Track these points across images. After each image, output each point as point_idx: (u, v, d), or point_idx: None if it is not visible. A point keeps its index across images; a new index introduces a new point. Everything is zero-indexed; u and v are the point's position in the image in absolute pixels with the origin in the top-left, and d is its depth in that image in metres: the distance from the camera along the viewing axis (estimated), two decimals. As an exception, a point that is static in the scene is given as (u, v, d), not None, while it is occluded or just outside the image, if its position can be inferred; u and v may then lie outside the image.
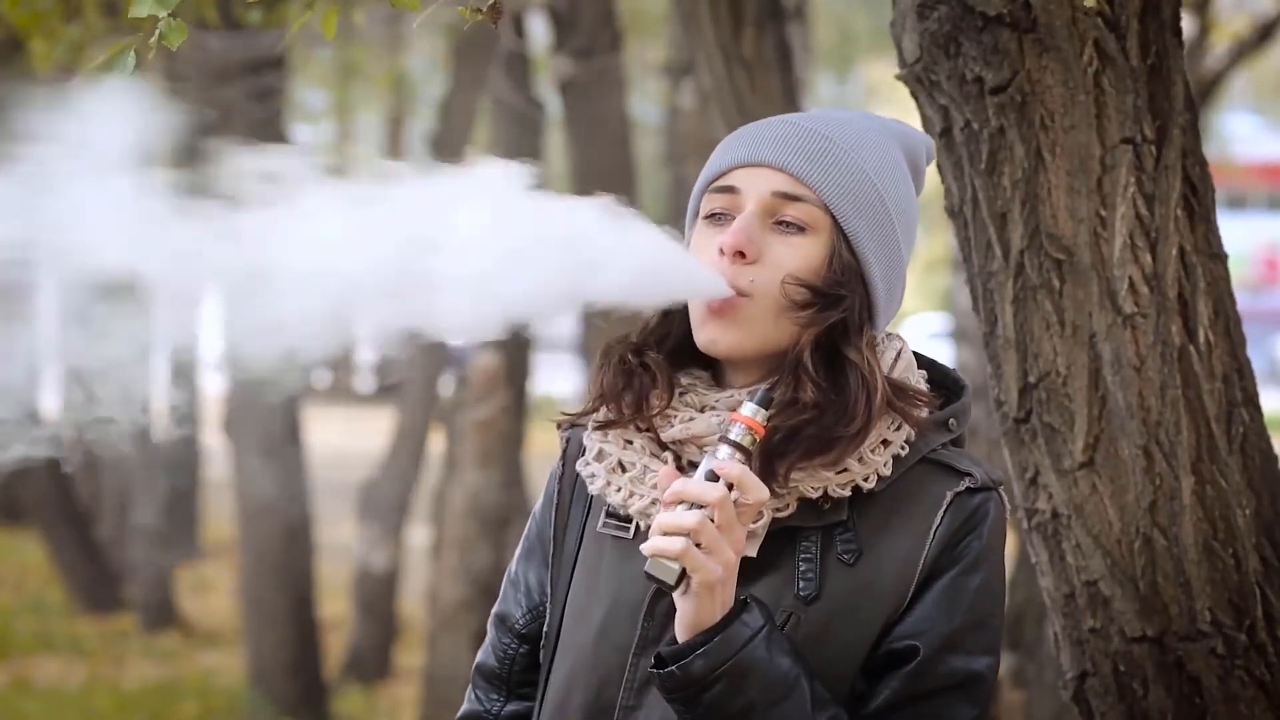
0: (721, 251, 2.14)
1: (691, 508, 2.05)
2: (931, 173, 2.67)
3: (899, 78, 2.65)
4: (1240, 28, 10.62)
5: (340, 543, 12.19)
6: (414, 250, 2.00)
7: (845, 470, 2.14)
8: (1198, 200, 2.55)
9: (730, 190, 2.18)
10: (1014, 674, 5.25)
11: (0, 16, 5.74)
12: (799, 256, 2.15)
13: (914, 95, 2.62)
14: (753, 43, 4.59)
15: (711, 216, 2.19)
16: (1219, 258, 2.57)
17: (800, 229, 2.15)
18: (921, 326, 29.19)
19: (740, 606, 2.08)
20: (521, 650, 2.31)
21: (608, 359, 2.23)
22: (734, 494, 2.06)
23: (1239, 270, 32.34)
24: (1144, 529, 2.53)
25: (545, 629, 2.28)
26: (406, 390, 9.84)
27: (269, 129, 8.80)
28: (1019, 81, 2.50)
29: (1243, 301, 2.62)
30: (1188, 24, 8.65)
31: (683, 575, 2.05)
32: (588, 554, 2.26)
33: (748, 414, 2.08)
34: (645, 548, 2.06)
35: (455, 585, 7.19)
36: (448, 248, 2.00)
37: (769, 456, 2.11)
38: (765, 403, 2.08)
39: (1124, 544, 2.54)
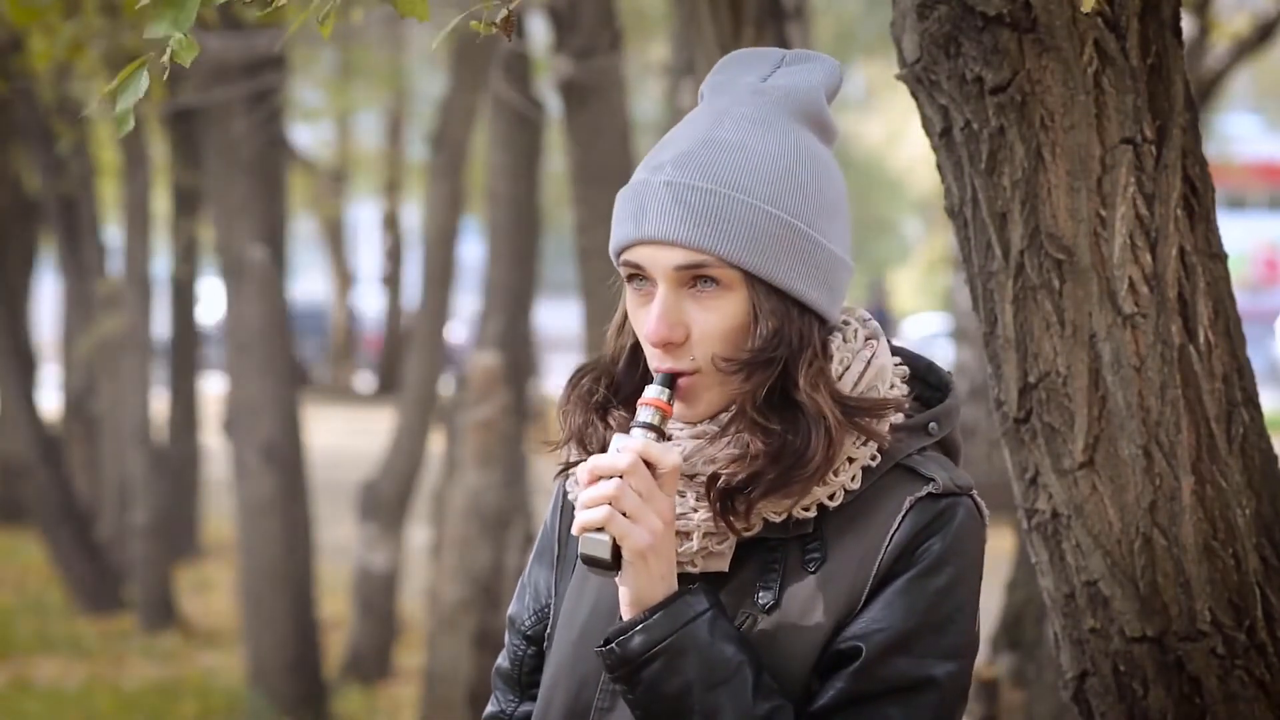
0: (649, 342, 2.15)
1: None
2: (931, 171, 2.66)
3: (899, 78, 2.65)
4: (1240, 28, 10.62)
5: (340, 543, 12.19)
6: None
7: (809, 494, 2.14)
8: (1198, 200, 2.54)
9: (637, 267, 2.16)
10: (1014, 674, 5.25)
11: (0, 15, 5.74)
12: (723, 318, 2.13)
13: (914, 95, 2.62)
14: (753, 42, 4.59)
15: (632, 278, 2.18)
16: (1219, 258, 2.56)
17: (716, 283, 2.13)
18: (921, 326, 29.19)
19: (685, 590, 2.10)
20: (529, 651, 2.33)
21: (574, 403, 2.24)
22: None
23: (1239, 270, 32.34)
24: (1144, 529, 2.52)
25: (549, 630, 2.30)
26: (406, 390, 9.83)
27: (268, 129, 8.80)
28: (1019, 81, 2.49)
29: (1243, 301, 2.62)
30: (1188, 24, 8.65)
31: (616, 553, 2.08)
32: None
33: (653, 395, 2.13)
34: (574, 528, 2.10)
35: (455, 585, 7.18)
36: None
37: (728, 494, 2.12)
38: (667, 382, 2.13)
39: (1124, 544, 2.54)
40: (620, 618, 2.16)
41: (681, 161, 2.16)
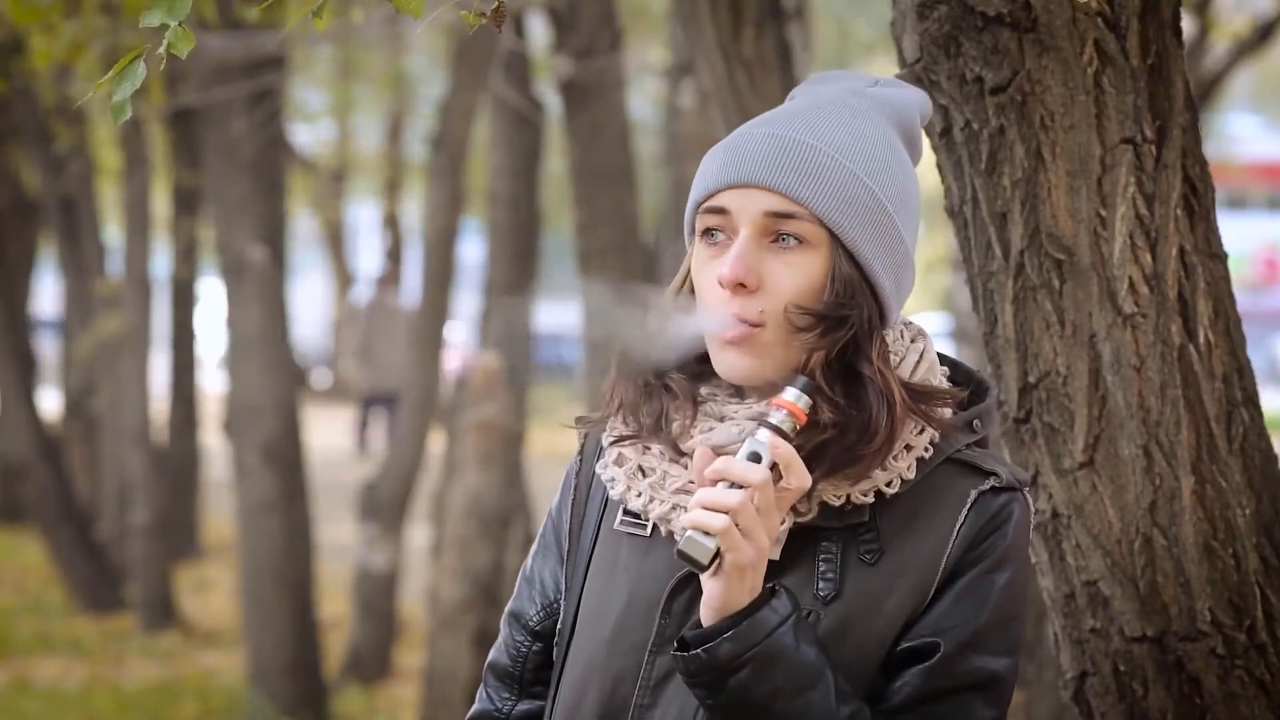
0: (721, 283, 2.13)
1: (732, 487, 2.05)
2: (931, 172, 2.67)
3: (899, 77, 2.65)
4: (1240, 28, 10.62)
5: (340, 543, 12.19)
6: None
7: (868, 477, 2.14)
8: (1198, 200, 2.55)
9: (722, 211, 2.15)
10: (1014, 674, 5.24)
11: (0, 15, 5.74)
12: (800, 276, 2.13)
13: (914, 95, 2.62)
14: (753, 43, 4.59)
15: (707, 233, 2.17)
16: (1219, 258, 2.57)
17: (799, 241, 2.13)
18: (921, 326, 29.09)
19: (769, 593, 2.07)
20: (535, 648, 2.30)
21: (626, 375, 2.21)
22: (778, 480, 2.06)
23: (1239, 270, 32.33)
24: (1144, 529, 2.53)
25: (559, 625, 2.27)
26: (407, 391, 9.83)
27: (268, 129, 8.80)
28: (1019, 81, 2.50)
29: (1243, 301, 2.62)
30: (1188, 24, 8.64)
31: (716, 556, 2.04)
32: (604, 551, 2.25)
33: (790, 399, 2.08)
34: (685, 520, 2.05)
35: (455, 585, 7.18)
36: None
37: None
38: (808, 389, 2.08)
39: (1124, 544, 2.54)
40: (660, 611, 2.15)
41: (786, 120, 2.17)
